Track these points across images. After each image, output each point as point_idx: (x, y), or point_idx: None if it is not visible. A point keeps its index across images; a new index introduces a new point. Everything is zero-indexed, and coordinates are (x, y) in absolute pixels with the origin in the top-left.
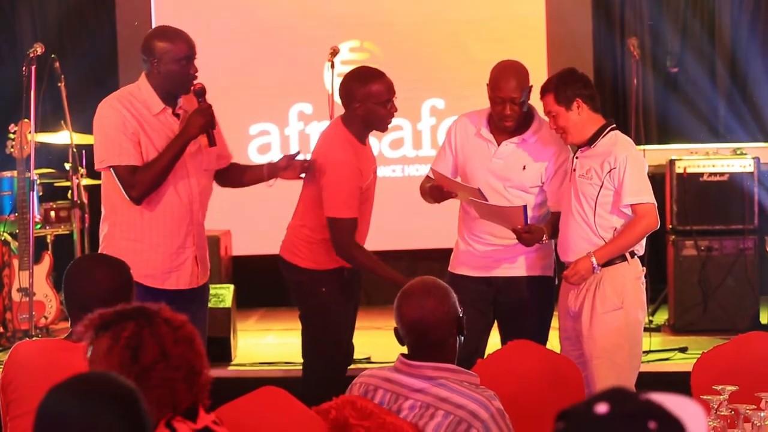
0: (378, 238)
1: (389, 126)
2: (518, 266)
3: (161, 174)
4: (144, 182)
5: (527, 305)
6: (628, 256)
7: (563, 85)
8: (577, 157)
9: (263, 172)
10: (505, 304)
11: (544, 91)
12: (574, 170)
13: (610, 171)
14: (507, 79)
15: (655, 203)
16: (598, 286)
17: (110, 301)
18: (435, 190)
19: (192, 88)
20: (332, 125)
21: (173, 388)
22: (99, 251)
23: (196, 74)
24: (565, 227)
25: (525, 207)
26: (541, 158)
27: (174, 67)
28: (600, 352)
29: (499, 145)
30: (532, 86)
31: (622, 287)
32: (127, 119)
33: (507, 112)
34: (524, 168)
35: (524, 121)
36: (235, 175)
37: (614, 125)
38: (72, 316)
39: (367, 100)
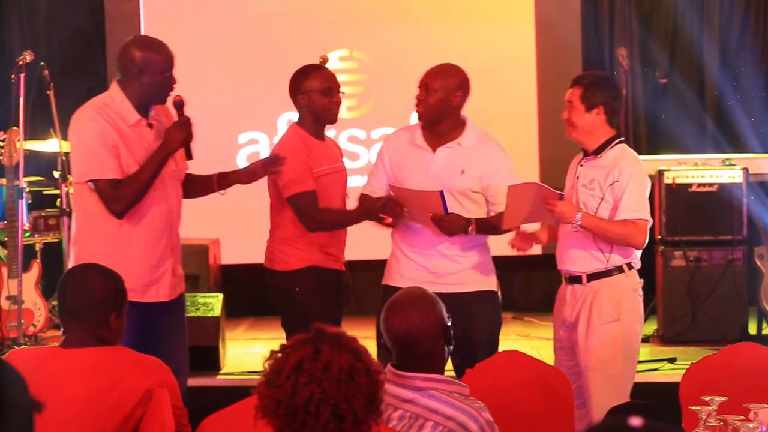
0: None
1: (337, 117)
2: (462, 282)
3: (144, 187)
4: (128, 196)
5: (475, 321)
6: (625, 267)
7: (595, 87)
8: (581, 165)
9: (213, 183)
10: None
11: (576, 81)
12: (577, 178)
13: (612, 184)
14: (434, 69)
15: (650, 222)
16: (595, 297)
17: (103, 310)
18: (393, 206)
19: (172, 100)
20: (288, 127)
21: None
22: (71, 264)
23: (174, 85)
24: (564, 236)
25: (442, 192)
26: (478, 164)
27: (158, 79)
28: (595, 363)
29: (434, 151)
30: (460, 94)
31: (619, 299)
32: (108, 131)
33: (419, 96)
34: (463, 172)
35: (455, 127)
36: (189, 186)
37: (623, 138)
38: (64, 323)
39: (308, 90)
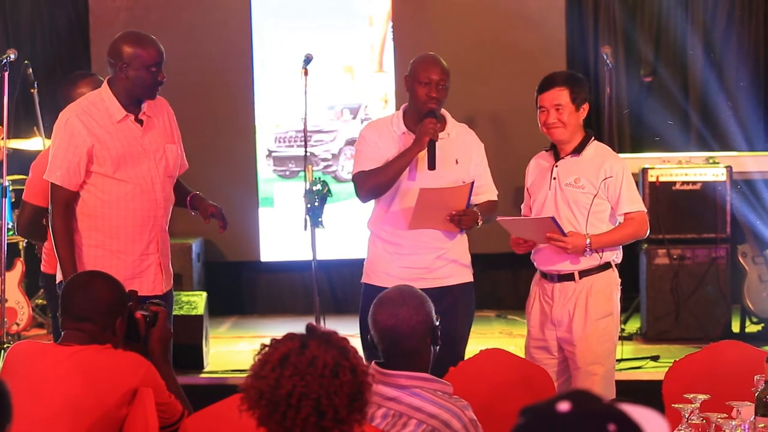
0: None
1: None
2: (449, 275)
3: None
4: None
5: (458, 313)
6: (612, 263)
7: (578, 85)
8: (556, 166)
9: (186, 202)
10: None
11: (557, 82)
12: (554, 178)
13: (605, 179)
14: (441, 65)
15: (646, 212)
16: (589, 293)
17: (110, 314)
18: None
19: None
20: None
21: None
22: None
23: (163, 80)
24: None
25: (473, 183)
26: (466, 153)
27: (144, 74)
28: (596, 358)
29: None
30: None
31: (610, 294)
32: (79, 135)
33: (432, 93)
34: (457, 162)
35: (441, 118)
36: (176, 189)
37: (594, 136)
38: (65, 327)
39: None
